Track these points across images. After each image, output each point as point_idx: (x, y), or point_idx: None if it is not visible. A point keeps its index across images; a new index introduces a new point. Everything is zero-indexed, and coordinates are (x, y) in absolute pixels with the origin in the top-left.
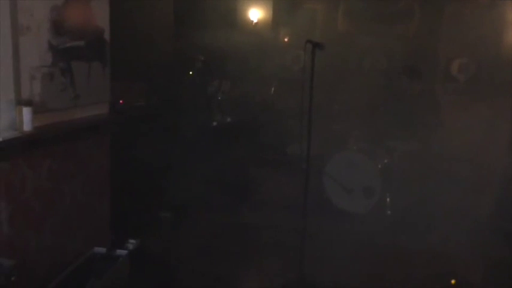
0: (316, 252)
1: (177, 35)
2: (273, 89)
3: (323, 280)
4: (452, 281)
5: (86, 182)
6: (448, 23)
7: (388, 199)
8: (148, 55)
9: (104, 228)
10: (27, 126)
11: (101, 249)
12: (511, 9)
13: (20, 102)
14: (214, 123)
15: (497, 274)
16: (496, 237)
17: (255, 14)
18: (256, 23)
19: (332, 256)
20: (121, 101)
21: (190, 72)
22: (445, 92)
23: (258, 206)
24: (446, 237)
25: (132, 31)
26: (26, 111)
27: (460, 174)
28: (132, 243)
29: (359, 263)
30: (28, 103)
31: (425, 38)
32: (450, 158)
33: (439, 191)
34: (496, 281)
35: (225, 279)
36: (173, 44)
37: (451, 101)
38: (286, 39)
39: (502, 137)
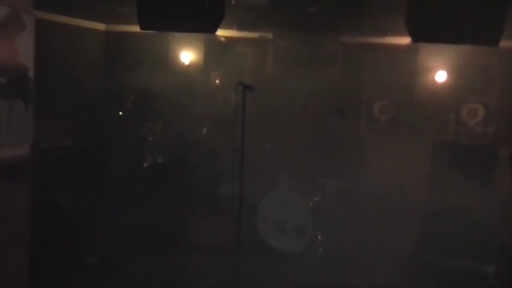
0: None
1: (107, 73)
2: (204, 129)
3: None
4: None
5: (2, 226)
6: (369, 68)
7: (319, 236)
8: (76, 93)
9: (21, 278)
10: None
11: None
12: (424, 56)
13: None
14: (145, 165)
15: None
16: (421, 269)
17: (187, 56)
18: (188, 65)
19: None
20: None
21: (120, 113)
22: (369, 131)
23: (189, 249)
24: (375, 271)
25: (60, 69)
26: None
27: (384, 209)
28: None
29: None
30: None
31: (348, 81)
32: (375, 193)
33: (367, 226)
34: None
35: None
36: (103, 83)
37: (374, 139)
38: (217, 81)
39: (420, 172)
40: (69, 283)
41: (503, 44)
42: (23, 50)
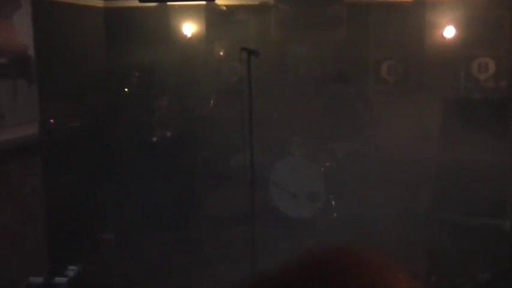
0: (266, 261)
1: (109, 51)
2: (211, 101)
3: None
4: None
5: (18, 208)
6: (374, 28)
7: (332, 201)
8: (80, 73)
9: (40, 256)
10: None
11: (38, 279)
12: (431, 12)
13: None
14: (154, 139)
15: (439, 264)
16: (436, 228)
17: (188, 28)
18: (190, 37)
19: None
20: (51, 121)
21: (126, 89)
22: (377, 93)
23: (204, 220)
24: (391, 231)
25: (62, 49)
26: None
27: (396, 169)
28: (72, 269)
29: None
30: None
31: (354, 43)
32: (387, 155)
33: (380, 187)
34: (440, 271)
35: None
36: (106, 60)
37: (383, 101)
38: (221, 52)
39: (432, 130)
40: (88, 260)
41: None
42: (20, 29)
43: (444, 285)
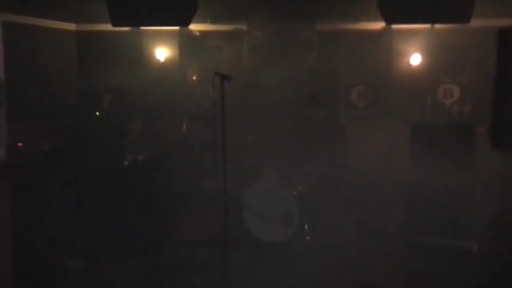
0: (240, 284)
1: (81, 74)
2: (184, 126)
3: None
4: None
5: None
6: (345, 54)
7: (305, 225)
8: (51, 95)
9: (6, 284)
10: None
11: None
12: (399, 40)
13: None
14: (126, 163)
15: (412, 284)
16: (408, 249)
17: (162, 53)
18: (163, 62)
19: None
20: (20, 144)
21: (97, 113)
22: (348, 117)
23: (176, 245)
24: (363, 253)
25: (33, 71)
26: None
27: (368, 193)
28: None
29: None
30: None
31: (325, 68)
32: (358, 178)
33: (351, 210)
34: None
35: None
36: (78, 83)
37: (353, 125)
38: (194, 77)
39: (401, 154)
40: (54, 286)
41: (474, 22)
42: None
43: None
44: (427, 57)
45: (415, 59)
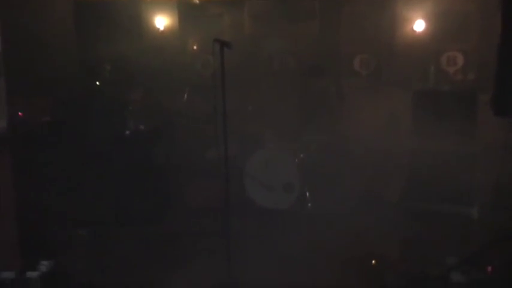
0: (242, 252)
1: (80, 44)
2: (185, 95)
3: (250, 279)
4: (373, 262)
5: None
6: (347, 21)
7: (307, 192)
8: (51, 67)
9: (12, 251)
10: None
11: (10, 274)
12: (402, 6)
13: None
14: (127, 132)
15: (412, 250)
16: (407, 216)
17: (161, 22)
18: (163, 31)
19: (258, 254)
20: (20, 113)
21: (97, 83)
22: (350, 86)
23: (179, 213)
24: (363, 221)
25: (31, 41)
26: None
27: (369, 160)
28: (44, 264)
29: (284, 257)
30: None
31: (327, 36)
32: (359, 146)
33: (352, 178)
34: (411, 257)
35: None
36: (77, 53)
37: (355, 94)
38: (194, 47)
39: (403, 122)
40: (60, 256)
41: None
42: None
43: (415, 270)
44: (431, 24)
45: (419, 26)
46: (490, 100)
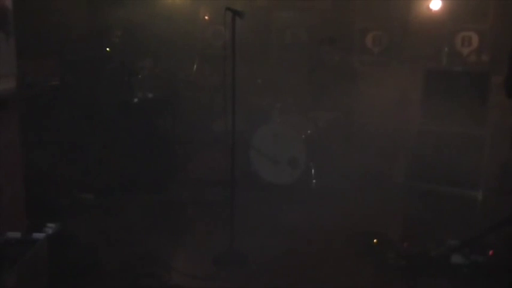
0: (245, 224)
1: (90, 9)
2: (195, 65)
3: (253, 251)
4: (374, 240)
5: None
6: None
7: (312, 168)
8: (60, 31)
9: (18, 212)
10: None
11: (16, 234)
12: None
13: None
14: (136, 100)
15: (413, 230)
16: (411, 196)
17: None
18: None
19: (261, 226)
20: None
21: (108, 49)
22: (361, 63)
23: (184, 182)
24: (368, 199)
25: (42, 5)
26: None
27: (377, 139)
28: (50, 227)
29: (286, 231)
30: None
31: (341, 11)
32: (368, 124)
33: (359, 156)
34: (413, 237)
35: (155, 257)
36: (87, 18)
37: (366, 71)
38: (206, 17)
39: (413, 101)
40: (66, 219)
41: None
42: None
43: (416, 250)
44: (446, 4)
45: (435, 4)
46: (503, 82)
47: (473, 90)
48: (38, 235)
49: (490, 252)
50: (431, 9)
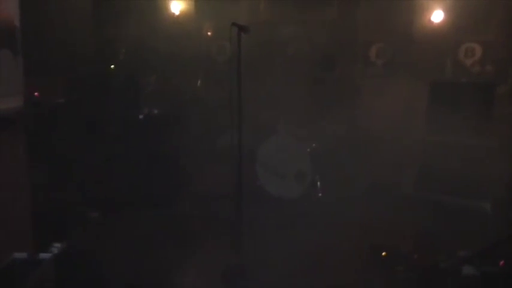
0: (253, 238)
1: (96, 27)
2: (199, 81)
3: (261, 265)
4: (383, 253)
5: (1, 183)
6: (365, 10)
7: (318, 182)
8: (67, 48)
9: (24, 232)
10: None
11: (22, 255)
12: None
13: None
14: (141, 117)
15: (423, 242)
16: (420, 208)
17: (176, 6)
18: (178, 15)
19: (269, 241)
20: (36, 94)
21: (112, 66)
22: (366, 75)
23: (191, 198)
24: (376, 211)
25: (48, 22)
26: None
27: (383, 151)
28: (57, 246)
29: (295, 245)
30: None
31: (344, 24)
32: (373, 136)
33: (365, 168)
34: (423, 249)
35: (164, 272)
36: (93, 37)
37: (371, 83)
38: (210, 32)
39: (419, 113)
40: (73, 238)
41: None
42: None
43: (426, 262)
44: (449, 15)
45: (437, 16)
46: (509, 91)
47: (479, 101)
48: (44, 255)
49: (501, 263)
50: (433, 21)
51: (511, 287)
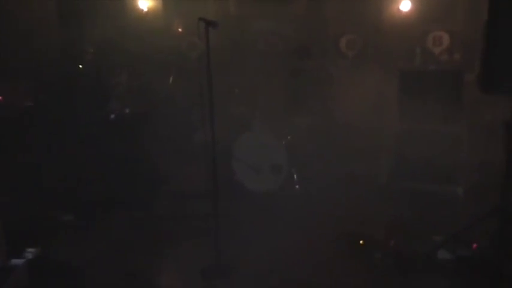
0: (231, 234)
1: (61, 27)
2: (171, 78)
3: (240, 261)
4: (361, 241)
5: None
6: (333, 2)
7: (295, 174)
8: (32, 51)
9: None
10: None
11: None
12: None
13: None
14: (113, 116)
15: (399, 229)
16: (395, 195)
17: (144, 3)
18: (147, 12)
19: (247, 236)
20: (0, 98)
21: (80, 66)
22: (337, 67)
23: (167, 196)
24: (351, 201)
25: (12, 27)
26: None
27: (356, 141)
28: (30, 251)
29: (273, 237)
30: None
31: (314, 17)
32: (347, 127)
33: (340, 159)
34: (399, 236)
35: (142, 274)
36: (59, 37)
37: (342, 75)
38: (179, 29)
39: (389, 102)
40: (47, 243)
41: None
42: None
43: (402, 248)
44: (417, 5)
45: (405, 6)
46: (476, 77)
47: (447, 88)
48: (17, 261)
49: (474, 246)
50: (401, 11)
51: (484, 268)
